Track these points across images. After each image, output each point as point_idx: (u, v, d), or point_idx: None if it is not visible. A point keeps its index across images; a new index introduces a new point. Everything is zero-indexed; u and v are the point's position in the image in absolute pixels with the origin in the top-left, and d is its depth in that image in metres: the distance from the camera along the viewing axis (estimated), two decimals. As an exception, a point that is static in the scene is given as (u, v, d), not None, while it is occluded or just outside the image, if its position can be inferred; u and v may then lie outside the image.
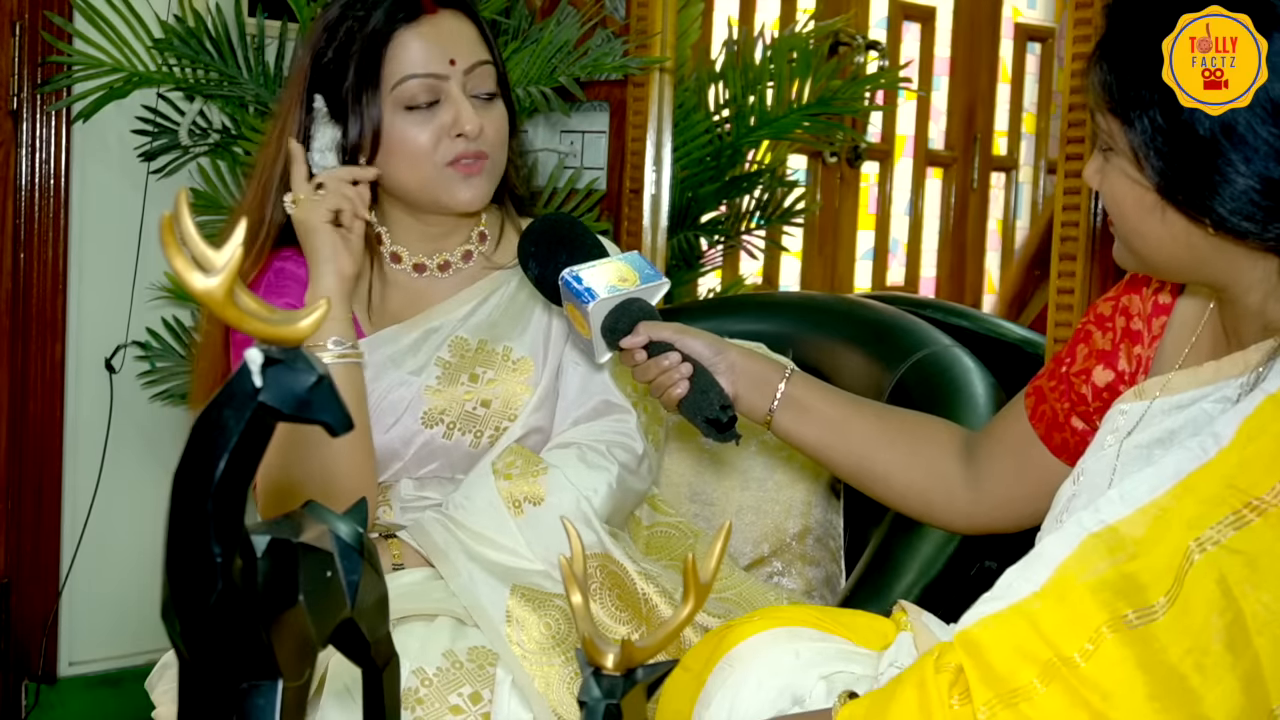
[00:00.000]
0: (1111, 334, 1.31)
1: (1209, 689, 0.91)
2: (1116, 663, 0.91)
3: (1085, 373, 1.32)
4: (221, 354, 1.60)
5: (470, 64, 1.54)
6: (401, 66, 1.52)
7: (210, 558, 0.77)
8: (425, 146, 1.53)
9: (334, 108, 1.54)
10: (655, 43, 2.49)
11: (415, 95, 1.52)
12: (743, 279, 3.57)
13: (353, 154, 1.54)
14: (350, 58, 1.52)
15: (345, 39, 1.53)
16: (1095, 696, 0.91)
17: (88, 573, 2.70)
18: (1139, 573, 0.93)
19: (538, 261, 1.48)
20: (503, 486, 1.53)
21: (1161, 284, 1.28)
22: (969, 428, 1.50)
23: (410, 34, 1.52)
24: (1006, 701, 0.93)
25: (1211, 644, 0.91)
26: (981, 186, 4.73)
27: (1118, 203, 1.13)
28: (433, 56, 1.52)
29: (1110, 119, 1.10)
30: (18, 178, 2.58)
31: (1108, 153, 1.13)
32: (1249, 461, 0.96)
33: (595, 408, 1.62)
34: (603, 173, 2.58)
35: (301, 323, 0.73)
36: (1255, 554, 0.92)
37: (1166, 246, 1.12)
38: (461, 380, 1.59)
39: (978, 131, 4.68)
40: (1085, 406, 1.32)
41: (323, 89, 1.55)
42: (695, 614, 0.98)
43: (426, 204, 1.57)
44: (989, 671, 0.94)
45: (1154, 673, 0.91)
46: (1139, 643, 0.91)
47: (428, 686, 1.37)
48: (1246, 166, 1.03)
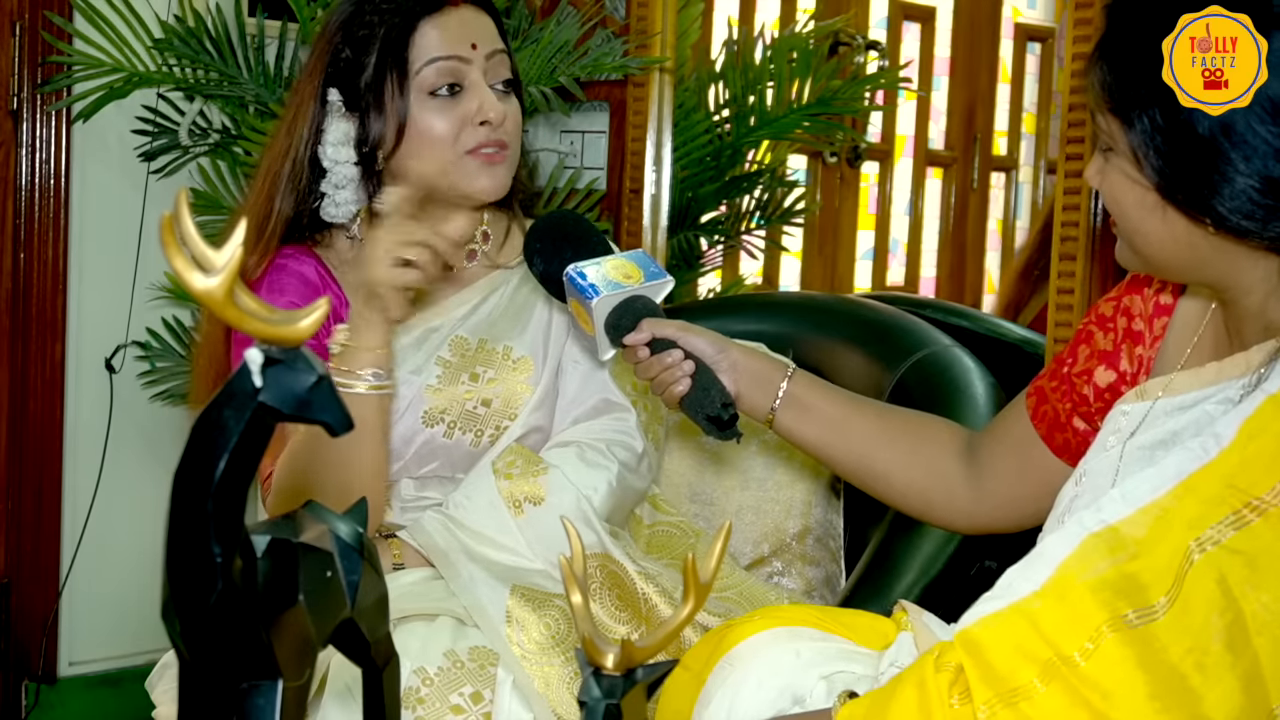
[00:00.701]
0: (1113, 334, 1.31)
1: (1209, 689, 0.91)
2: (1117, 662, 0.91)
3: (1087, 373, 1.32)
4: (222, 353, 1.60)
5: (491, 50, 1.56)
6: (424, 52, 1.53)
7: (210, 558, 0.77)
8: (448, 134, 1.53)
9: (350, 102, 1.55)
10: (655, 43, 2.49)
11: (438, 80, 1.53)
12: (743, 279, 3.57)
13: (372, 147, 1.55)
14: (370, 51, 1.53)
15: (365, 33, 1.54)
16: (1095, 696, 0.91)
17: (88, 573, 2.70)
18: (1140, 572, 0.93)
19: (542, 258, 1.48)
20: (503, 486, 1.53)
21: (1163, 284, 1.28)
22: (969, 428, 1.50)
23: (432, 24, 1.54)
24: (1006, 701, 0.93)
25: (1212, 644, 0.91)
26: (981, 186, 4.73)
27: (1119, 203, 1.13)
28: (455, 40, 1.54)
29: (1110, 119, 1.10)
30: (18, 178, 2.58)
31: (1108, 153, 1.13)
32: (1249, 461, 0.96)
33: (595, 406, 1.62)
34: (603, 173, 2.58)
35: (302, 323, 0.73)
36: (1255, 554, 0.92)
37: (1168, 246, 1.12)
38: (462, 379, 1.59)
39: (978, 131, 4.68)
40: (1087, 407, 1.32)
41: (338, 84, 1.56)
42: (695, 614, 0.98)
43: (445, 191, 1.57)
44: (989, 671, 0.94)
45: (1154, 672, 0.91)
46: (1139, 642, 0.91)
47: (429, 686, 1.37)
48: (1246, 165, 1.03)
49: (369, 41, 1.54)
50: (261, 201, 1.58)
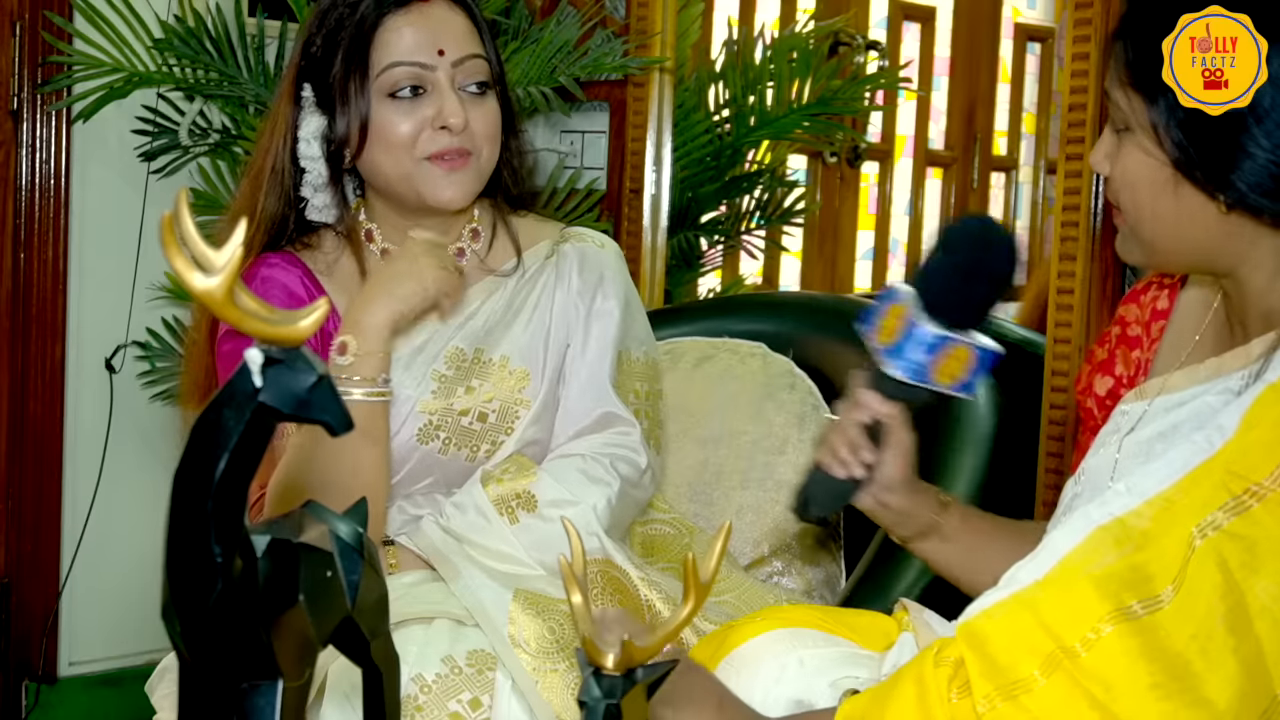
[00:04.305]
0: (1108, 344, 1.32)
1: (1212, 672, 0.91)
2: (1119, 653, 0.91)
3: (1088, 389, 1.33)
4: (206, 353, 1.57)
5: (460, 56, 1.50)
6: (388, 54, 1.48)
7: (210, 558, 0.76)
8: (406, 137, 1.49)
9: (321, 97, 1.51)
10: (655, 43, 2.49)
11: (399, 83, 1.48)
12: (743, 279, 3.57)
13: (339, 145, 1.51)
14: (338, 45, 1.49)
15: (334, 27, 1.50)
16: (1097, 688, 0.91)
17: (88, 573, 2.69)
18: (1146, 563, 0.94)
19: (961, 277, 1.18)
20: (493, 491, 1.50)
21: (1159, 290, 1.28)
22: (968, 427, 1.50)
23: (399, 20, 1.49)
24: (1006, 694, 0.93)
25: (1215, 628, 0.92)
26: (981, 186, 4.73)
27: (1131, 182, 1.12)
28: (420, 45, 1.49)
29: (1132, 94, 1.09)
30: (18, 178, 2.58)
31: (1123, 132, 1.12)
32: (1249, 448, 0.97)
33: (598, 419, 1.58)
34: (603, 173, 2.58)
35: (302, 323, 0.73)
36: (1255, 539, 0.93)
37: (1177, 227, 1.10)
38: (457, 393, 1.54)
39: (978, 131, 4.68)
40: (1094, 421, 1.32)
41: (311, 78, 1.52)
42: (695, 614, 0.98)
43: (409, 198, 1.53)
44: (990, 664, 0.94)
45: (1158, 661, 0.91)
46: (1144, 632, 0.92)
47: (427, 694, 1.35)
48: (1268, 140, 1.03)
49: (337, 36, 1.49)
50: (246, 200, 1.56)
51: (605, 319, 1.60)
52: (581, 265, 1.62)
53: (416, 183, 1.50)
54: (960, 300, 1.18)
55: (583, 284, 1.61)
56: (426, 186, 1.50)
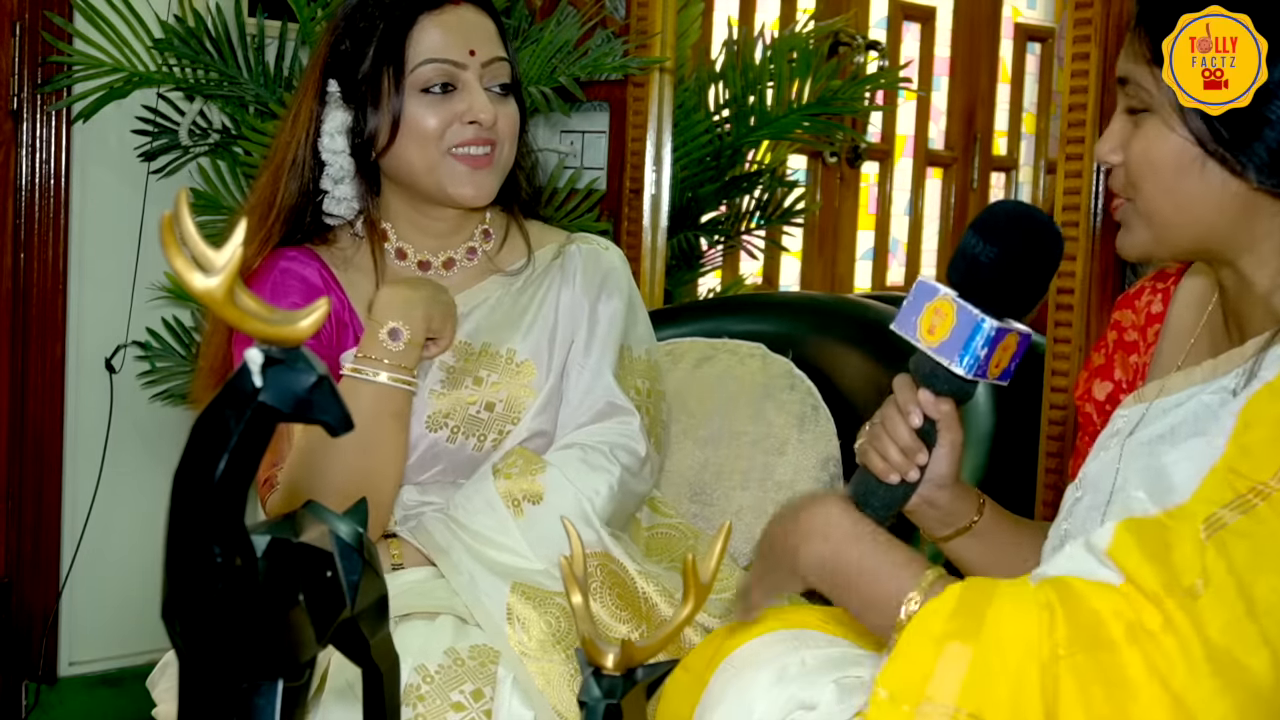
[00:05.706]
0: (1104, 349, 1.33)
1: (1250, 657, 0.91)
2: (1187, 631, 0.92)
3: (1086, 394, 1.33)
4: (224, 355, 1.60)
5: (489, 57, 1.56)
6: (422, 51, 1.54)
7: (210, 558, 0.77)
8: (435, 130, 1.54)
9: (348, 92, 1.56)
10: (655, 43, 2.49)
11: (432, 80, 1.54)
12: (743, 279, 3.57)
13: (366, 141, 1.55)
14: (370, 43, 1.54)
15: (366, 25, 1.55)
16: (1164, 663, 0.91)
17: (88, 573, 2.70)
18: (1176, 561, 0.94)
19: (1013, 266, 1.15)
20: (501, 485, 1.53)
21: (1153, 294, 1.28)
22: (968, 426, 1.50)
23: (432, 21, 1.54)
24: (1087, 648, 0.93)
25: (1242, 617, 0.92)
26: (981, 186, 4.73)
27: (1152, 163, 1.10)
28: (453, 44, 1.54)
29: (1157, 72, 1.08)
30: (18, 178, 2.58)
31: (1140, 115, 1.11)
32: (1250, 447, 0.97)
33: (600, 410, 1.61)
34: (603, 173, 2.58)
35: (302, 323, 0.73)
36: (1260, 538, 0.94)
37: (1195, 208, 1.09)
38: (465, 384, 1.58)
39: (978, 131, 4.68)
40: (1093, 426, 1.31)
41: (338, 74, 1.56)
42: (695, 614, 0.98)
43: (431, 192, 1.57)
44: (1076, 616, 0.94)
45: (1207, 648, 0.91)
46: (1193, 619, 0.92)
47: (429, 683, 1.37)
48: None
49: (369, 35, 1.55)
50: (265, 191, 1.60)
51: (609, 315, 1.64)
52: (587, 265, 1.66)
53: (440, 175, 1.56)
54: (1013, 290, 1.16)
55: (587, 282, 1.65)
56: (450, 181, 1.56)
